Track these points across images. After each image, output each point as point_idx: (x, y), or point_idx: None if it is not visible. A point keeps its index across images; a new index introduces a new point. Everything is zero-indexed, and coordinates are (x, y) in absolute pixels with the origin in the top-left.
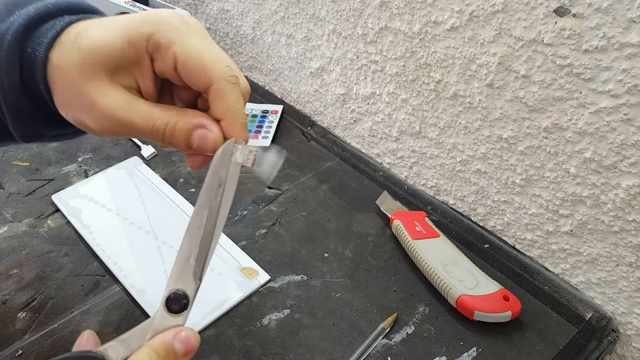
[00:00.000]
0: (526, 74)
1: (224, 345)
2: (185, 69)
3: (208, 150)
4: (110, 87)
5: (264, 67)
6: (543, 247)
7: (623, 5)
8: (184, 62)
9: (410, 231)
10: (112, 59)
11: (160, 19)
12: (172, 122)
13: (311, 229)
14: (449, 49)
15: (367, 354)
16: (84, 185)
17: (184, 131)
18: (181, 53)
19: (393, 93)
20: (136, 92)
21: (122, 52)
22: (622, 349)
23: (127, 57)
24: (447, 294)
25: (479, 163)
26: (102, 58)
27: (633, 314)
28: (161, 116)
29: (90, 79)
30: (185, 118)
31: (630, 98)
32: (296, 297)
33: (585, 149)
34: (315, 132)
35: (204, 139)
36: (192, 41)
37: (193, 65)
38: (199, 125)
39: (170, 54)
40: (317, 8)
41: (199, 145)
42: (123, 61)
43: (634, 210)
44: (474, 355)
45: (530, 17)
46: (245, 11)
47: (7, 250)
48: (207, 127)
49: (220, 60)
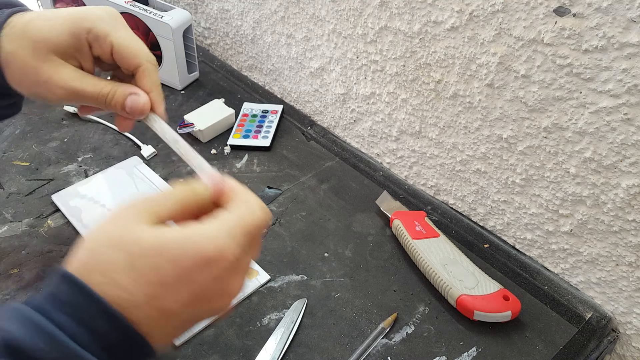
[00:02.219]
0: (526, 73)
1: (224, 345)
2: (119, 54)
3: (138, 110)
4: (62, 65)
5: (264, 67)
6: (543, 246)
7: (623, 5)
8: (119, 49)
9: (410, 231)
10: (59, 47)
11: (96, 16)
12: (114, 89)
13: (311, 229)
14: (449, 48)
15: (367, 354)
16: (84, 185)
17: (122, 95)
18: (116, 43)
19: (393, 93)
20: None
21: (66, 41)
22: (622, 349)
23: (71, 45)
24: (447, 294)
25: (479, 163)
26: (50, 46)
27: (633, 313)
28: (105, 85)
29: (44, 60)
30: (124, 87)
31: (630, 98)
32: (296, 297)
33: (585, 149)
34: (315, 132)
35: (136, 102)
36: (122, 33)
37: (126, 52)
38: (133, 92)
39: (107, 43)
40: (317, 8)
41: (131, 107)
42: (68, 49)
43: (633, 210)
44: (474, 355)
45: (530, 17)
46: (245, 11)
47: (7, 250)
48: (139, 94)
49: (143, 47)
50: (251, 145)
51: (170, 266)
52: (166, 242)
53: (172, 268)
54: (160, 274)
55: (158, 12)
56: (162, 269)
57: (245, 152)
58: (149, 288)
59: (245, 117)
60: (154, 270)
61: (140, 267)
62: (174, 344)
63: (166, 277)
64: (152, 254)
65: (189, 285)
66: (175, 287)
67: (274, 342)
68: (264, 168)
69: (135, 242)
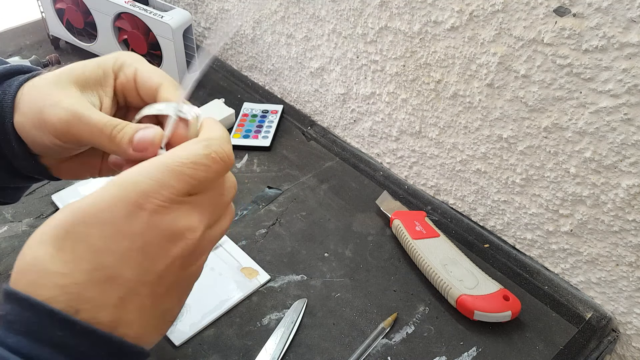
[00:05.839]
0: (526, 73)
1: (224, 345)
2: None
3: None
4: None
5: (264, 67)
6: (543, 246)
7: (623, 5)
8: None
9: (410, 231)
10: (82, 76)
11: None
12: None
13: (311, 229)
14: (449, 48)
15: (367, 354)
16: (84, 185)
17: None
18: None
19: (393, 93)
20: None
21: (92, 71)
22: (622, 349)
23: (95, 76)
24: (447, 294)
25: (479, 163)
26: (73, 75)
27: (633, 313)
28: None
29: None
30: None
31: (630, 98)
32: (296, 297)
33: (585, 149)
34: (315, 132)
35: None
36: (147, 65)
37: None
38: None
39: (132, 69)
40: (317, 8)
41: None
42: (91, 80)
43: (634, 210)
44: (474, 355)
45: (530, 17)
46: (245, 11)
47: (7, 250)
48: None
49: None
50: (251, 145)
51: (96, 228)
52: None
53: (98, 229)
54: (89, 242)
55: (158, 12)
56: (89, 236)
57: (245, 152)
58: (82, 262)
59: (245, 117)
60: (80, 241)
61: (66, 246)
62: (172, 343)
63: (96, 242)
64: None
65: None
66: (111, 247)
67: (274, 342)
68: (264, 168)
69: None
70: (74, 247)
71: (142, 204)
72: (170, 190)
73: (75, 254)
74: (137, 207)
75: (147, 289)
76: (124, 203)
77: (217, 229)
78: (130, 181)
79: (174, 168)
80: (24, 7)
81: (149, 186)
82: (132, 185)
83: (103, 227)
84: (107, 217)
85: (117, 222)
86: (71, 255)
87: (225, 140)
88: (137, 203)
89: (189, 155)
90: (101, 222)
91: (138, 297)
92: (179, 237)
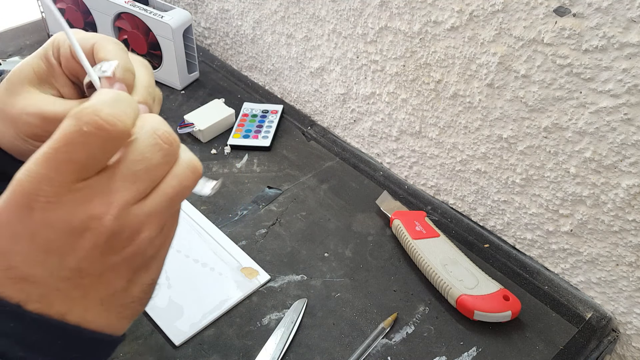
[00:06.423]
0: (526, 73)
1: (224, 345)
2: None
3: None
4: (37, 94)
5: (264, 67)
6: (543, 246)
7: (623, 5)
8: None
9: (410, 231)
10: (32, 75)
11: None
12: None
13: (311, 229)
14: (449, 48)
15: (367, 354)
16: None
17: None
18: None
19: (393, 93)
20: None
21: (39, 65)
22: (622, 349)
23: (43, 69)
24: (447, 294)
25: (479, 163)
26: (24, 75)
27: (633, 313)
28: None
29: (18, 93)
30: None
31: (630, 98)
32: (296, 297)
33: (585, 149)
34: (315, 132)
35: None
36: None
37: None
38: None
39: (67, 45)
40: (317, 8)
41: None
42: (41, 74)
43: (634, 210)
44: (474, 355)
45: (530, 17)
46: (245, 11)
47: None
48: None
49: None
50: (251, 145)
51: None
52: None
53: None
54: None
55: (158, 12)
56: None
57: (245, 152)
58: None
59: (246, 117)
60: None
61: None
62: (172, 343)
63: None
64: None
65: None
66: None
67: (274, 342)
68: (264, 168)
69: None
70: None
71: (28, 204)
72: (50, 183)
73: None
74: (26, 209)
75: (68, 282)
76: (12, 206)
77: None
78: (16, 181)
79: (49, 157)
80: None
81: (29, 184)
82: (17, 186)
83: (2, 230)
84: (3, 220)
85: (12, 225)
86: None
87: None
88: (24, 204)
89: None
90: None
91: (60, 292)
92: (83, 229)
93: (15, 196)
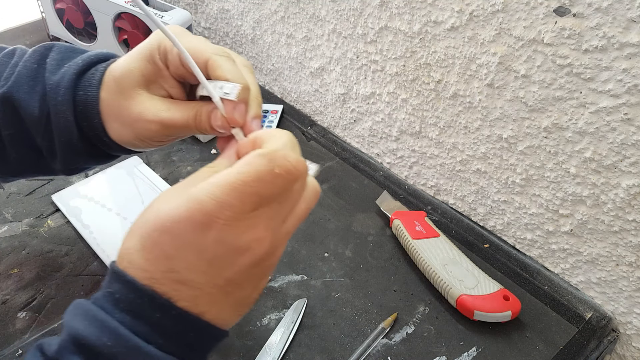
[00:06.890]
0: (526, 73)
1: (224, 345)
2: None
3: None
4: (150, 98)
5: (264, 67)
6: (543, 246)
7: (623, 5)
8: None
9: (410, 231)
10: (141, 77)
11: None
12: (199, 110)
13: (311, 229)
14: (449, 48)
15: (367, 354)
16: (84, 185)
17: (206, 115)
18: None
19: (393, 93)
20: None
21: (146, 68)
22: (622, 349)
23: (151, 72)
24: (447, 294)
25: (479, 163)
26: (134, 79)
27: (633, 313)
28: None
29: (132, 97)
30: (205, 106)
31: (630, 98)
32: (296, 297)
33: (585, 149)
34: (315, 132)
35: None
36: (187, 38)
37: (192, 53)
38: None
39: (174, 53)
40: (317, 8)
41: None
42: (149, 76)
43: (634, 210)
44: (474, 355)
45: (530, 17)
46: (245, 11)
47: (7, 250)
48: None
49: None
50: None
51: (168, 238)
52: (163, 214)
53: (169, 239)
54: (162, 248)
55: (158, 12)
56: (162, 243)
57: None
58: (159, 264)
59: None
60: (156, 245)
61: (147, 246)
62: None
63: (168, 250)
64: (152, 230)
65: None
66: (180, 257)
67: (274, 342)
68: None
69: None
70: (152, 248)
71: (207, 223)
72: (233, 210)
73: (153, 254)
74: (203, 226)
75: (219, 289)
76: (190, 222)
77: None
78: (196, 200)
79: (236, 187)
80: (24, 7)
81: (213, 207)
82: (197, 205)
83: (173, 239)
84: (176, 231)
85: (185, 237)
86: (150, 254)
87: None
88: (202, 223)
89: (252, 171)
90: (172, 234)
91: (209, 295)
92: (245, 250)
93: (193, 213)
